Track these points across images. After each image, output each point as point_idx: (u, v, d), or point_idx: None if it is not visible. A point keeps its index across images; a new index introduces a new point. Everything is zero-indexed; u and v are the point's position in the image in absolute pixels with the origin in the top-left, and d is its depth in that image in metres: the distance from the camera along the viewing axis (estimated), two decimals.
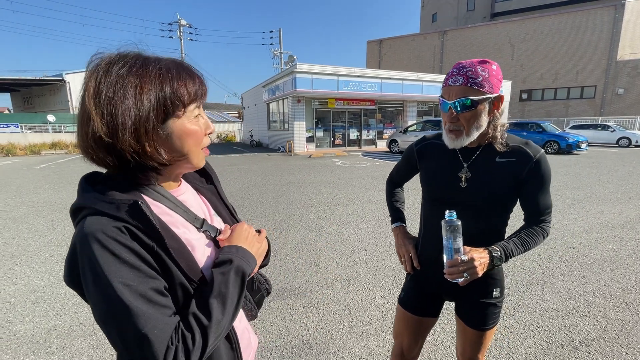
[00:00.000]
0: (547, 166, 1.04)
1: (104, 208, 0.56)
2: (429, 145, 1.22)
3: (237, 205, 5.66)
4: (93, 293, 0.53)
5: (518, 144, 1.06)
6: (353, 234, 4.16)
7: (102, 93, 0.55)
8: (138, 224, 0.56)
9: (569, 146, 13.54)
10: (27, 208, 5.69)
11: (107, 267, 0.52)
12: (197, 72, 0.66)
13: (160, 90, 0.58)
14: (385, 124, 18.74)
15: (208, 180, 0.86)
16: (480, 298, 1.16)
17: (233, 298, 0.62)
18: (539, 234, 1.07)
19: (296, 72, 14.34)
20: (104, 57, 0.59)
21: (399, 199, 1.44)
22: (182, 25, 26.22)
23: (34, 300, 2.67)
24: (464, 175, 1.09)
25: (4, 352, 2.07)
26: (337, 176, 8.74)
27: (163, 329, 0.53)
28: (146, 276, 0.55)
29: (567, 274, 3.04)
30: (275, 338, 2.19)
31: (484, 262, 0.96)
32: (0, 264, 3.40)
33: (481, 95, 0.97)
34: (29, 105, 28.17)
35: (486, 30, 27.83)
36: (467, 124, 1.01)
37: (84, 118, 0.57)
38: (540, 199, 1.06)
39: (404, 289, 1.34)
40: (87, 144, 0.58)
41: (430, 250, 1.21)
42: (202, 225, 0.71)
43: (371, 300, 2.64)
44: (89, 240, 0.53)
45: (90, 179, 0.63)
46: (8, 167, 11.71)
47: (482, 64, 0.98)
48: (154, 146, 0.59)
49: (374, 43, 35.70)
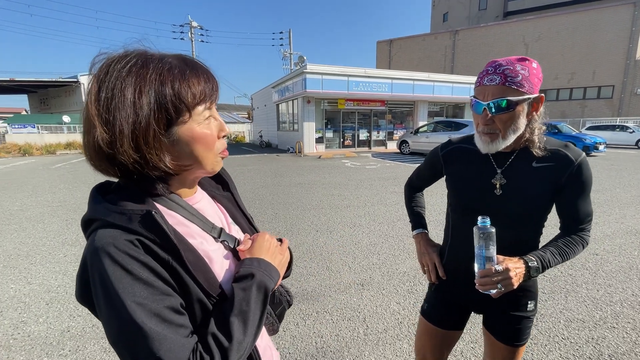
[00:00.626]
0: (589, 171, 0.96)
1: (115, 220, 0.51)
2: (457, 149, 1.14)
3: (247, 206, 5.61)
4: (104, 312, 0.49)
5: (557, 147, 0.98)
6: (365, 237, 4.09)
7: (101, 97, 0.51)
8: (152, 236, 0.51)
9: (586, 148, 13.15)
10: (43, 207, 5.79)
11: (118, 283, 0.48)
12: (204, 69, 0.59)
13: (161, 93, 0.52)
14: (395, 125, 18.57)
15: (224, 188, 0.81)
16: (513, 311, 1.08)
17: (255, 316, 0.57)
18: (578, 243, 0.99)
19: (306, 72, 14.32)
20: (107, 55, 0.54)
21: (419, 204, 1.36)
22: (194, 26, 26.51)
23: (48, 301, 2.68)
24: (498, 182, 1.01)
25: (18, 354, 2.07)
26: (347, 177, 8.66)
27: (179, 352, 0.48)
28: (161, 293, 0.51)
29: (591, 282, 2.91)
30: (288, 345, 2.13)
31: (519, 273, 0.88)
32: (16, 263, 3.44)
33: (520, 95, 0.89)
34: (45, 106, 28.86)
35: (499, 30, 27.36)
36: (504, 126, 0.92)
37: (87, 125, 0.53)
38: (581, 206, 0.98)
39: (427, 300, 1.27)
40: (89, 153, 0.54)
41: (458, 260, 1.13)
42: (219, 235, 0.66)
43: (386, 307, 2.56)
44: (100, 254, 0.49)
45: (101, 188, 0.59)
46: (25, 167, 11.99)
47: (521, 62, 0.90)
48: (157, 155, 0.54)
49: (384, 43, 35.48)
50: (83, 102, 0.54)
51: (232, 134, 30.76)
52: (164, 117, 0.53)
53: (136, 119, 0.51)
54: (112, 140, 0.51)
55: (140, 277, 0.49)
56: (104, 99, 0.51)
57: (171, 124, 0.55)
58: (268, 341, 0.81)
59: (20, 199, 6.46)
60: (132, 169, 0.53)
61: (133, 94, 0.51)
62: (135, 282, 0.49)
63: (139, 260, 0.50)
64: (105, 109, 0.51)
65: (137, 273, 0.49)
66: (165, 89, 0.53)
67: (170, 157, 0.56)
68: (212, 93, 0.59)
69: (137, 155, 0.52)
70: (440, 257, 1.20)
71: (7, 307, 2.60)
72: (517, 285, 0.87)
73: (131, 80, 0.51)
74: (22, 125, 20.09)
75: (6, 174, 10.04)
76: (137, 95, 0.51)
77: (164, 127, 0.54)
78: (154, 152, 0.53)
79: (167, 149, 0.56)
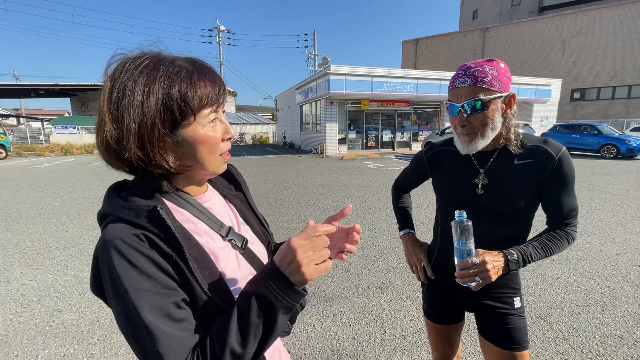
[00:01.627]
0: (571, 165, 0.97)
1: (124, 214, 0.53)
2: (440, 152, 1.16)
3: (268, 206, 5.72)
4: (112, 302, 0.51)
5: (537, 143, 0.99)
6: (386, 240, 4.01)
7: (113, 94, 0.53)
8: (157, 230, 0.52)
9: (631, 150, 12.21)
10: (80, 203, 6.17)
11: (124, 276, 0.49)
12: (212, 72, 0.60)
13: (168, 94, 0.53)
14: (420, 126, 18.16)
15: (237, 188, 0.81)
16: (500, 309, 1.08)
17: (258, 332, 0.51)
18: (563, 238, 1.00)
19: (329, 73, 14.33)
20: (123, 56, 0.56)
21: (406, 204, 1.39)
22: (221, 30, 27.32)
23: (81, 291, 2.85)
24: (480, 181, 1.03)
25: (53, 340, 2.21)
26: (369, 179, 8.57)
27: (177, 349, 0.49)
28: (164, 287, 0.52)
29: (632, 295, 2.69)
30: (304, 346, 2.13)
31: (497, 266, 0.90)
32: (54, 255, 3.68)
33: (492, 94, 0.91)
34: (85, 108, 30.85)
35: (533, 26, 26.02)
36: (481, 125, 0.94)
37: (99, 122, 0.55)
38: (565, 201, 0.98)
39: (424, 300, 1.30)
40: (100, 148, 0.56)
41: (447, 261, 1.12)
42: (227, 234, 0.67)
43: (405, 312, 2.50)
44: (108, 247, 0.50)
45: (117, 187, 0.61)
46: (66, 165, 12.85)
47: (489, 63, 0.93)
48: (160, 154, 0.55)
49: (409, 43, 34.82)
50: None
51: (256, 135, 31.36)
52: (170, 118, 0.54)
53: (143, 118, 0.53)
54: (119, 137, 0.53)
55: (145, 271, 0.50)
56: (115, 97, 0.52)
57: (176, 125, 0.56)
58: (278, 343, 0.80)
59: (60, 195, 6.93)
60: (137, 165, 0.55)
61: (142, 94, 0.52)
62: (140, 275, 0.50)
63: (143, 253, 0.51)
64: (116, 107, 0.52)
65: (142, 267, 0.50)
66: (172, 90, 0.54)
67: (173, 157, 0.57)
68: (218, 97, 0.59)
69: (142, 153, 0.54)
70: (429, 257, 1.22)
71: (45, 295, 2.79)
72: (495, 277, 0.89)
73: (142, 80, 0.53)
74: (65, 127, 21.56)
75: (50, 172, 10.80)
76: (145, 96, 0.52)
77: (169, 128, 0.55)
78: (157, 151, 0.54)
79: (171, 149, 0.57)
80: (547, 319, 2.37)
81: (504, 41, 27.49)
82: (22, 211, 5.60)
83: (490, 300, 1.09)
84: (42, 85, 25.59)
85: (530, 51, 25.90)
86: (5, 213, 5.48)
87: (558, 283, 2.90)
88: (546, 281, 2.94)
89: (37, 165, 12.79)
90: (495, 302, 1.09)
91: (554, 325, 2.29)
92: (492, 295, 1.08)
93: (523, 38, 26.44)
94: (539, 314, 2.44)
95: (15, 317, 2.48)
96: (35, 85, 25.49)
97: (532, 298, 2.66)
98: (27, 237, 4.29)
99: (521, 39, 26.54)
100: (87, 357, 2.05)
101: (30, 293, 2.83)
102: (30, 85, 25.49)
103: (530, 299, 2.64)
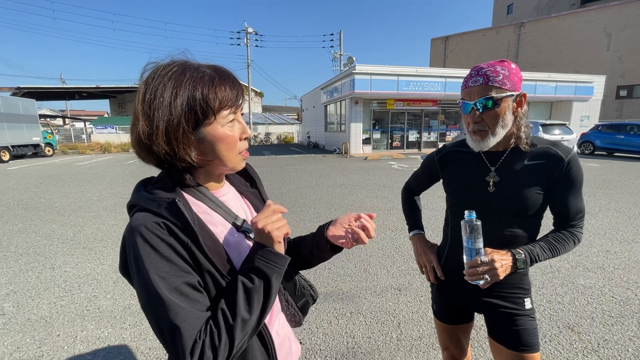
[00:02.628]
0: (579, 168, 0.99)
1: (147, 205, 0.60)
2: (451, 152, 1.19)
3: (290, 205, 5.82)
4: (136, 282, 0.58)
5: (546, 145, 1.02)
6: (407, 242, 3.96)
7: (146, 96, 0.60)
8: (175, 220, 0.59)
9: None
10: (116, 198, 6.59)
11: (146, 258, 0.56)
12: (232, 78, 0.66)
13: (192, 96, 0.60)
14: (448, 126, 17.64)
15: (252, 185, 0.88)
16: (511, 310, 1.07)
17: (259, 298, 0.61)
18: (569, 239, 1.01)
19: (355, 73, 14.27)
20: (156, 65, 0.64)
21: (416, 207, 1.40)
22: (249, 32, 27.97)
23: (115, 280, 3.06)
24: (491, 179, 1.05)
25: (90, 323, 2.40)
26: (393, 179, 8.46)
27: (193, 323, 0.55)
28: (181, 270, 0.58)
29: None
30: (320, 342, 2.17)
31: (505, 265, 0.93)
32: (93, 245, 3.98)
33: (503, 92, 0.94)
34: (122, 109, 32.79)
35: (575, 19, 24.44)
36: (492, 123, 0.97)
37: (134, 120, 0.63)
38: (572, 203, 1.00)
39: (434, 300, 1.30)
40: (134, 143, 0.64)
41: (457, 261, 1.11)
42: (242, 225, 0.73)
43: (423, 314, 2.47)
44: (134, 233, 0.58)
45: (145, 182, 0.69)
46: (105, 163, 13.74)
47: (500, 64, 0.96)
48: (184, 149, 0.62)
49: (438, 40, 33.88)
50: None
51: (281, 135, 31.83)
52: (193, 117, 0.61)
53: (170, 117, 0.60)
54: (150, 132, 0.60)
55: (164, 255, 0.57)
56: (147, 99, 0.60)
57: (199, 124, 0.63)
58: (289, 332, 0.84)
59: (99, 190, 7.43)
60: (164, 159, 0.62)
61: (170, 96, 0.60)
62: (160, 258, 0.57)
63: (163, 239, 0.58)
64: (148, 107, 0.60)
65: (162, 251, 0.57)
66: (196, 93, 0.60)
67: (196, 152, 0.64)
68: (236, 100, 0.65)
69: (168, 148, 0.61)
70: (438, 257, 1.23)
71: (84, 282, 3.03)
72: (503, 276, 0.92)
73: (170, 84, 0.60)
74: (104, 127, 23.03)
75: (90, 169, 11.61)
76: (172, 97, 0.60)
77: (193, 126, 0.62)
78: (181, 147, 0.61)
79: (194, 145, 0.64)
80: (575, 328, 2.26)
81: (541, 36, 26.05)
82: (65, 204, 6.08)
83: (500, 301, 1.09)
84: (85, 88, 27.49)
85: (570, 46, 24.37)
86: (52, 206, 5.97)
87: (590, 292, 2.74)
88: (577, 289, 2.79)
89: (79, 163, 13.78)
90: (505, 302, 1.08)
91: (583, 336, 2.18)
92: (501, 295, 1.08)
93: (563, 32, 24.91)
94: (567, 323, 2.32)
95: (58, 300, 2.71)
96: (79, 88, 27.43)
97: (560, 307, 2.53)
98: (70, 228, 4.66)
99: (561, 33, 25.02)
100: (119, 340, 2.21)
101: (72, 279, 3.08)
102: (75, 88, 27.45)
103: (558, 307, 2.52)
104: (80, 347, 2.14)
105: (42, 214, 5.44)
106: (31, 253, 3.75)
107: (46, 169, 11.51)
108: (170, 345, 0.54)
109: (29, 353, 2.08)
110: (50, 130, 18.67)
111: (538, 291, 2.75)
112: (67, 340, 2.21)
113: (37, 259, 3.59)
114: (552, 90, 16.71)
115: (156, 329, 0.56)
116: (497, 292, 1.08)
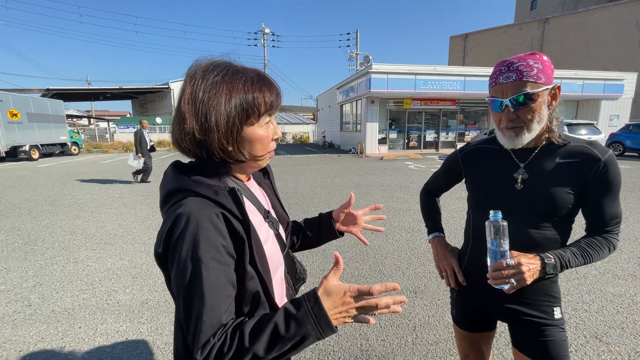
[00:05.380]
0: (617, 170, 0.92)
1: (204, 192, 0.62)
2: (476, 150, 1.13)
3: (305, 204, 5.82)
4: (180, 266, 0.58)
5: (582, 143, 0.96)
6: (423, 244, 3.88)
7: (198, 97, 0.63)
8: (233, 210, 0.62)
9: None
10: (136, 196, 6.78)
11: (200, 248, 0.57)
12: (273, 84, 0.71)
13: (245, 99, 0.65)
14: (467, 125, 17.21)
15: (266, 176, 0.92)
16: (539, 319, 0.99)
17: (283, 347, 0.57)
18: (604, 245, 0.94)
19: (371, 72, 14.14)
20: (200, 65, 0.66)
21: (435, 208, 1.35)
22: (266, 33, 28.23)
23: (134, 275, 3.14)
24: (520, 176, 0.98)
25: (109, 316, 2.47)
26: (409, 180, 8.32)
27: (215, 322, 0.56)
28: (226, 265, 0.60)
29: None
30: (333, 343, 2.15)
31: (533, 269, 0.86)
32: (114, 241, 4.10)
33: (539, 87, 0.89)
34: (143, 109, 33.77)
35: (604, 14, 23.32)
36: (528, 119, 0.92)
37: (179, 117, 0.65)
38: (608, 207, 0.93)
39: (453, 306, 1.24)
40: (181, 137, 0.66)
41: (479, 265, 1.05)
42: (267, 216, 0.77)
43: (439, 318, 2.40)
44: (190, 220, 0.58)
45: (178, 167, 0.71)
46: (126, 161, 14.17)
47: (531, 57, 0.90)
48: (236, 146, 0.66)
49: (458, 38, 33.13)
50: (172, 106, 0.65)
51: (297, 135, 31.97)
52: (244, 118, 0.66)
53: (227, 116, 0.64)
54: (203, 129, 0.63)
55: (215, 245, 0.59)
56: (200, 97, 0.63)
57: (245, 124, 0.67)
58: None
59: (120, 188, 7.68)
60: (217, 154, 0.65)
61: (225, 98, 0.63)
62: (211, 248, 0.58)
63: (218, 229, 0.60)
64: (202, 106, 0.63)
65: (214, 241, 0.59)
66: (247, 96, 0.65)
67: (240, 149, 0.68)
68: (277, 105, 0.71)
69: (226, 144, 0.65)
70: (459, 261, 1.17)
71: (104, 277, 3.12)
72: (530, 281, 0.85)
73: (224, 87, 0.64)
74: (126, 126, 23.84)
75: (113, 167, 12.02)
76: (227, 99, 0.64)
77: (241, 126, 0.67)
78: (235, 145, 0.66)
79: (240, 143, 0.68)
80: (603, 339, 2.14)
81: (567, 32, 25.01)
82: (89, 201, 6.31)
83: (527, 308, 1.01)
84: (109, 89, 28.50)
85: (598, 42, 23.28)
86: (76, 202, 6.21)
87: (620, 301, 2.59)
88: (606, 298, 2.64)
89: (102, 161, 14.29)
90: (532, 310, 1.01)
91: (612, 347, 2.05)
92: (528, 302, 1.01)
93: (590, 28, 23.82)
94: (594, 332, 2.20)
95: (80, 294, 2.81)
96: (103, 89, 28.45)
97: (587, 315, 2.41)
98: (92, 224, 4.82)
99: (588, 28, 23.94)
100: (137, 334, 2.26)
101: (93, 274, 3.19)
102: (99, 89, 28.49)
103: (585, 316, 2.39)
104: (100, 339, 2.20)
105: (67, 209, 5.67)
106: (56, 247, 3.90)
107: (72, 167, 12.01)
108: (192, 331, 0.56)
109: (52, 344, 2.16)
110: (77, 129, 19.49)
111: (563, 298, 2.61)
112: (87, 332, 2.28)
113: (62, 253, 3.73)
114: (578, 88, 15.99)
115: (182, 312, 0.58)
116: (523, 299, 1.01)
